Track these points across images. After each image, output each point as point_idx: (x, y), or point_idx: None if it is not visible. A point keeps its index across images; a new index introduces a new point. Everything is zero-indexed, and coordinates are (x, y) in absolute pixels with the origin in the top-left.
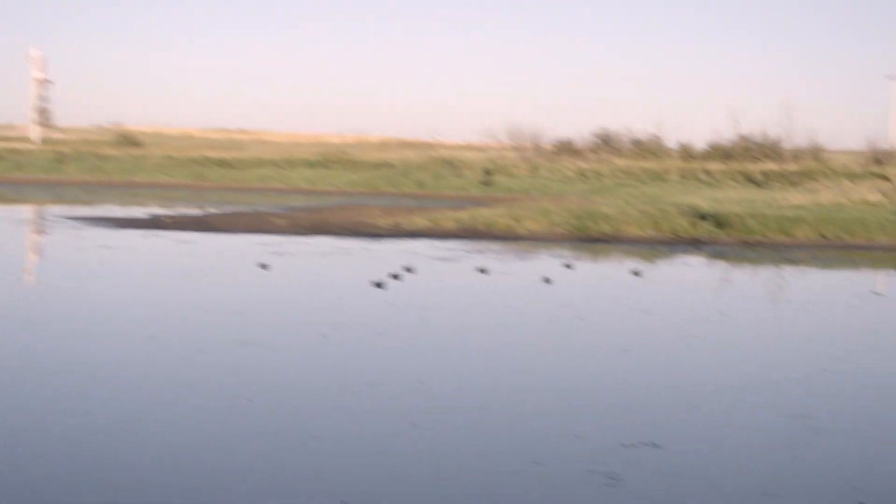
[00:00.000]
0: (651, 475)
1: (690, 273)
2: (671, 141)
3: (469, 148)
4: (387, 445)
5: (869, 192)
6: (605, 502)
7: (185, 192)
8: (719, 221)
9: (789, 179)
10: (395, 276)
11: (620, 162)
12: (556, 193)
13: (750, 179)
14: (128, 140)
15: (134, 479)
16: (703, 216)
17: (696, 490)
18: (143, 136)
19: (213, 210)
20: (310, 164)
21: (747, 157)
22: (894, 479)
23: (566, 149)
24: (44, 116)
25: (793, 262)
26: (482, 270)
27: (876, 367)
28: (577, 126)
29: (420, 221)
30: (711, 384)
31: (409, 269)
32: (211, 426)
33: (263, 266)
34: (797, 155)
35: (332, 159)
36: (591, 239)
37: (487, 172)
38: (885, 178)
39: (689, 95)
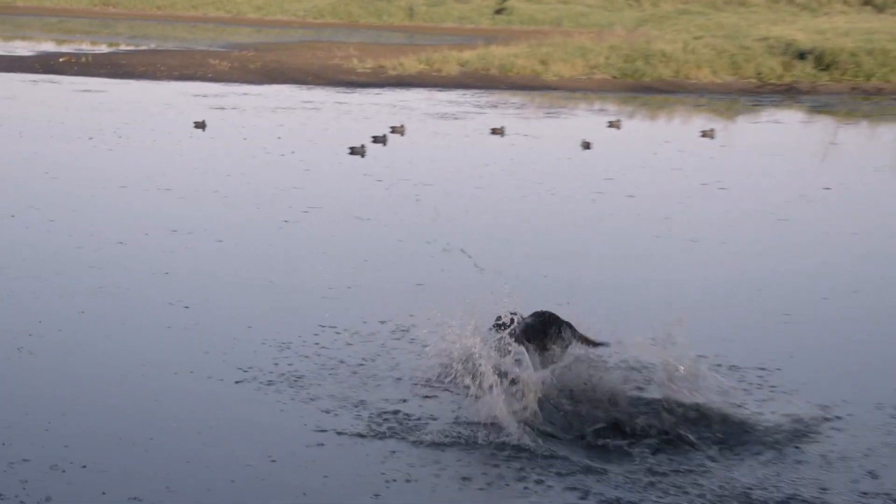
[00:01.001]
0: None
1: (783, 133)
2: None
3: None
4: (376, 369)
5: None
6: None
7: (87, 21)
8: (823, 61)
9: None
10: (379, 140)
11: None
12: (596, 25)
13: (866, 1)
14: None
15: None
16: (800, 54)
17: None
18: None
19: (126, 47)
20: None
21: None
22: None
23: None
24: None
25: None
26: (497, 132)
27: None
28: None
29: (412, 64)
30: (821, 287)
31: (397, 130)
32: (143, 344)
33: (200, 125)
34: None
35: None
36: (644, 87)
37: None
38: None
39: None
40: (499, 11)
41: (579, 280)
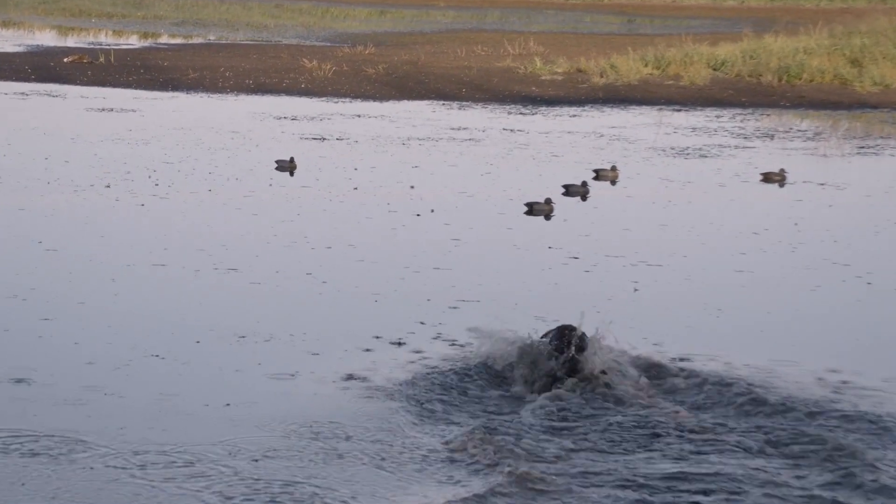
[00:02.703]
0: None
1: None
2: None
3: None
4: None
5: None
6: None
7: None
8: None
9: None
10: (575, 191)
11: None
12: None
13: None
14: None
15: None
16: None
17: None
18: None
19: (170, 40)
20: None
21: None
22: None
23: None
24: None
25: None
26: (772, 178)
27: None
28: None
29: (631, 67)
30: None
31: (604, 175)
32: None
33: (285, 167)
34: None
35: None
36: None
37: None
38: None
39: None
40: None
41: None
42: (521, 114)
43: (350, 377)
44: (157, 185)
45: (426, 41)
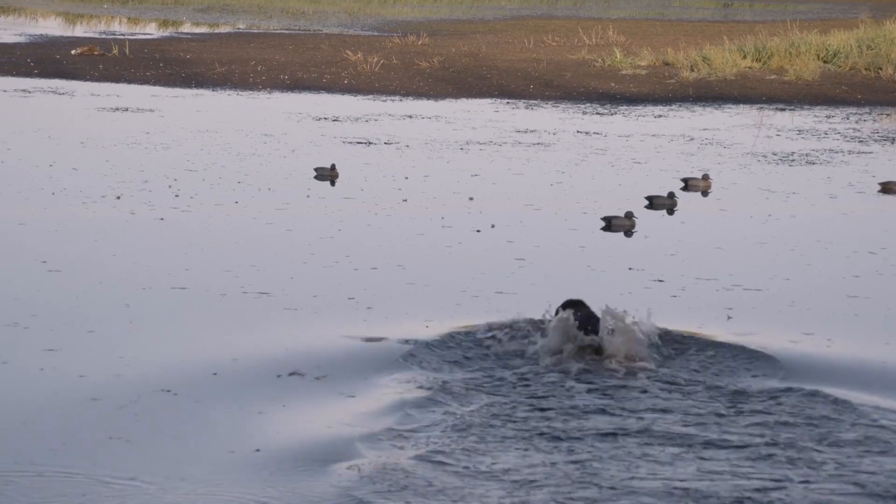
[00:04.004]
0: None
1: None
2: None
3: None
4: None
5: None
6: None
7: None
8: None
9: None
10: (660, 203)
11: None
12: None
13: None
14: None
15: None
16: None
17: None
18: None
19: (195, 29)
20: None
21: None
22: None
23: None
24: None
25: None
26: (893, 189)
27: None
28: None
29: (725, 59)
30: None
31: (694, 185)
32: None
33: (326, 175)
34: None
35: None
36: None
37: None
38: None
39: None
40: None
41: None
42: (597, 114)
43: (394, 416)
44: (177, 196)
45: (488, 30)
